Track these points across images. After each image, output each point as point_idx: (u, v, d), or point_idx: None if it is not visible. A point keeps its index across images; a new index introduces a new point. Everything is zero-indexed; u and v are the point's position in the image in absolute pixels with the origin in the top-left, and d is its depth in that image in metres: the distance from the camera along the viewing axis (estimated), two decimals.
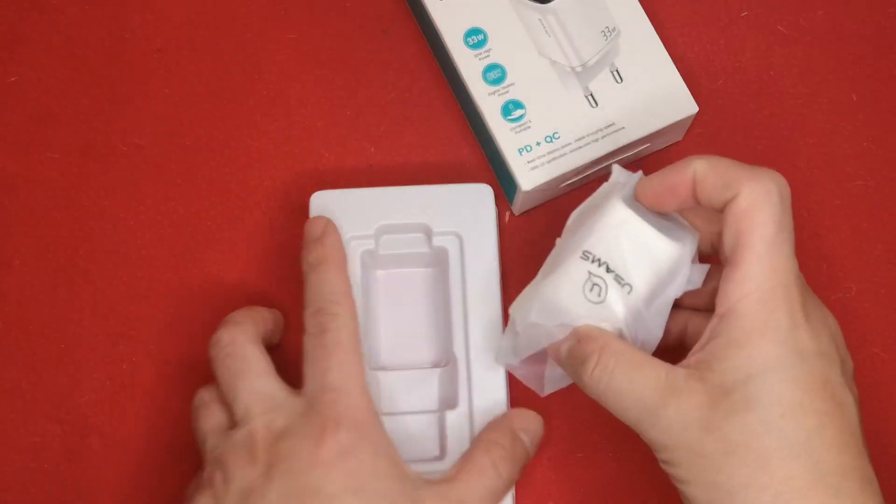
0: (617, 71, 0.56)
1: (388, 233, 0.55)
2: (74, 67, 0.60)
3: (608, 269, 0.47)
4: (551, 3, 0.56)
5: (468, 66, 0.56)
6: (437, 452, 0.52)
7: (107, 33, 0.60)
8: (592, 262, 0.47)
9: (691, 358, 0.45)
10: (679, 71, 0.56)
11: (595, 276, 0.47)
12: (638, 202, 0.48)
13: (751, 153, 0.59)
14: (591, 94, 0.56)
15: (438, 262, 0.55)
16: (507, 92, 0.55)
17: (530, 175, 0.54)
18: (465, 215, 0.54)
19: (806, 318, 0.44)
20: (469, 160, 0.59)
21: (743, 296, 0.44)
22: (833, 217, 0.58)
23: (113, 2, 0.61)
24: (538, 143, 0.55)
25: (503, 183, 0.57)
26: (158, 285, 0.57)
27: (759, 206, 0.44)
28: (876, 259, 0.58)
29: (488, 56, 0.56)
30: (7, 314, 0.56)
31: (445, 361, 0.54)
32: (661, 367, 0.45)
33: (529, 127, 0.55)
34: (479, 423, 0.51)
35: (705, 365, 0.44)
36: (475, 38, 0.56)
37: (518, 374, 0.52)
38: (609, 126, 0.55)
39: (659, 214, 0.48)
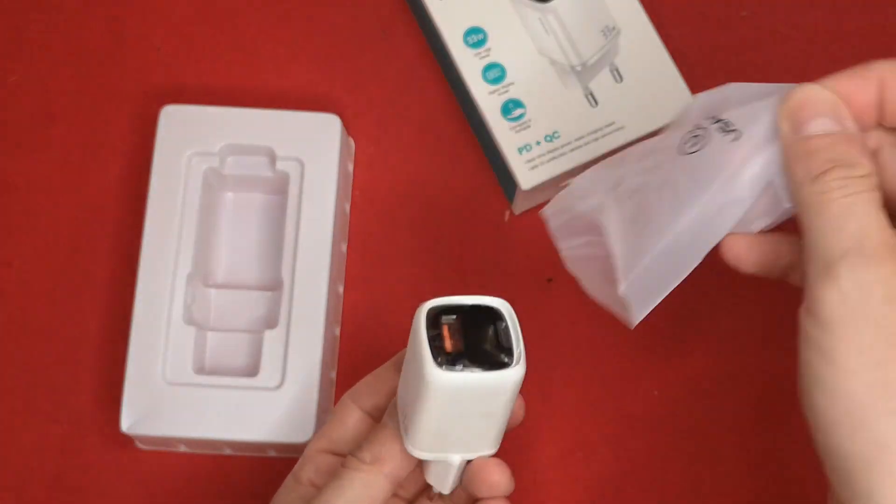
0: (617, 70, 0.56)
1: (234, 153, 0.56)
2: (74, 67, 0.60)
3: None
4: (551, 3, 0.56)
5: (468, 65, 0.56)
6: (251, 368, 0.54)
7: (107, 33, 0.60)
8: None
9: None
10: (679, 70, 0.56)
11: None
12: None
13: None
14: (591, 94, 0.56)
15: (283, 189, 0.56)
16: (506, 91, 0.55)
17: (530, 174, 0.54)
18: (310, 143, 0.55)
19: None
20: (468, 159, 0.59)
21: None
22: None
23: (113, 1, 0.61)
24: (538, 143, 0.55)
25: (503, 182, 0.57)
26: None
27: None
28: None
29: (488, 55, 0.56)
30: (7, 314, 0.56)
31: (275, 285, 0.55)
32: None
33: (529, 126, 0.55)
34: (294, 342, 0.53)
35: None
36: (475, 37, 0.56)
37: (597, 297, 0.45)
38: (609, 125, 0.55)
39: None
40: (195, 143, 0.55)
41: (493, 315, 0.41)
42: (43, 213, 0.58)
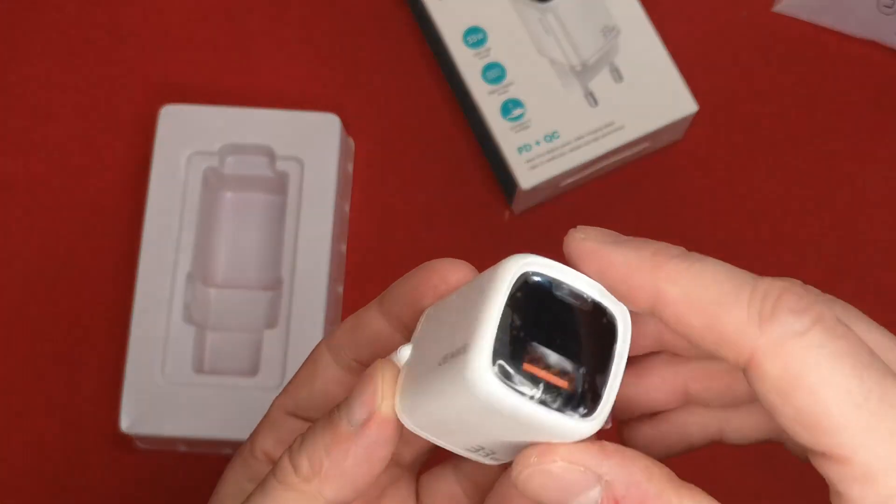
0: (617, 70, 0.56)
1: (233, 153, 0.56)
2: (74, 67, 0.60)
3: None
4: (551, 2, 0.56)
5: (468, 64, 0.56)
6: (251, 368, 0.54)
7: (106, 32, 0.60)
8: None
9: None
10: (679, 70, 0.56)
11: None
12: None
13: (751, 153, 0.59)
14: (591, 93, 0.56)
15: (283, 188, 0.56)
16: (506, 91, 0.55)
17: (530, 174, 0.54)
18: (309, 142, 0.55)
19: None
20: (468, 159, 0.59)
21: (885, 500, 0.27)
22: (833, 217, 0.58)
23: (113, 1, 0.61)
24: (537, 143, 0.55)
25: (502, 182, 0.57)
26: None
27: (807, 368, 0.27)
28: (875, 259, 0.58)
29: (488, 55, 0.56)
30: (7, 314, 0.56)
31: (275, 285, 0.55)
32: None
33: (529, 126, 0.55)
34: (294, 342, 0.53)
35: None
36: (475, 37, 0.56)
37: None
38: (609, 125, 0.55)
39: None
40: (195, 143, 0.55)
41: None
42: (43, 213, 0.58)
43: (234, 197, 0.57)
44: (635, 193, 0.58)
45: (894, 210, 0.59)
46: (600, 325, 0.28)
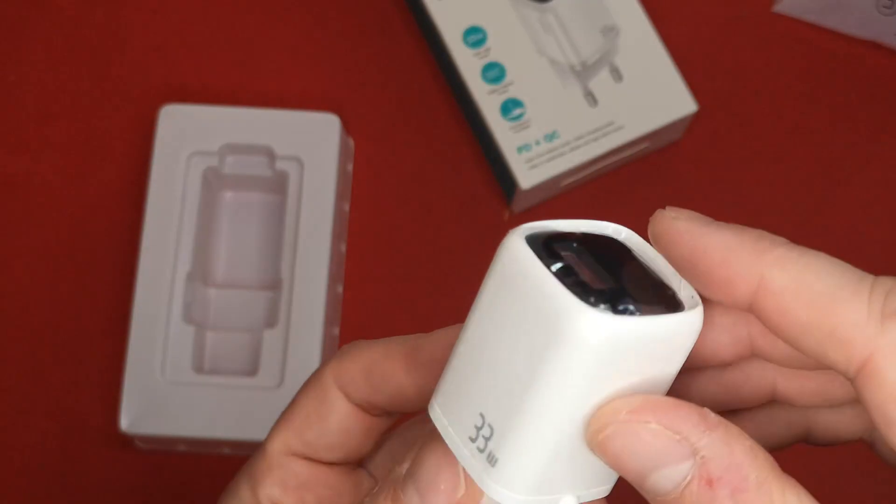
0: (616, 70, 0.56)
1: (233, 153, 0.56)
2: (74, 67, 0.60)
3: None
4: (551, 2, 0.56)
5: (467, 64, 0.56)
6: (251, 368, 0.54)
7: (106, 32, 0.61)
8: None
9: None
10: (679, 70, 0.56)
11: None
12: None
13: (750, 153, 0.59)
14: (591, 93, 0.56)
15: (283, 188, 0.56)
16: (506, 91, 0.56)
17: (529, 174, 0.54)
18: (309, 142, 0.56)
19: None
20: (468, 159, 0.59)
21: None
22: (833, 217, 0.58)
23: (113, 1, 0.61)
24: (537, 142, 0.55)
25: (502, 181, 0.57)
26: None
27: None
28: (876, 259, 0.58)
29: (487, 55, 0.56)
30: (7, 314, 0.56)
31: (274, 285, 0.55)
32: None
33: (529, 126, 0.55)
34: (294, 342, 0.53)
35: None
36: (474, 36, 0.56)
37: None
38: (608, 125, 0.55)
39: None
40: (194, 143, 0.55)
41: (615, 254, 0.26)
42: (43, 213, 0.58)
43: (234, 197, 0.57)
44: (635, 193, 0.58)
45: (894, 210, 0.59)
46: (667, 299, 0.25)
